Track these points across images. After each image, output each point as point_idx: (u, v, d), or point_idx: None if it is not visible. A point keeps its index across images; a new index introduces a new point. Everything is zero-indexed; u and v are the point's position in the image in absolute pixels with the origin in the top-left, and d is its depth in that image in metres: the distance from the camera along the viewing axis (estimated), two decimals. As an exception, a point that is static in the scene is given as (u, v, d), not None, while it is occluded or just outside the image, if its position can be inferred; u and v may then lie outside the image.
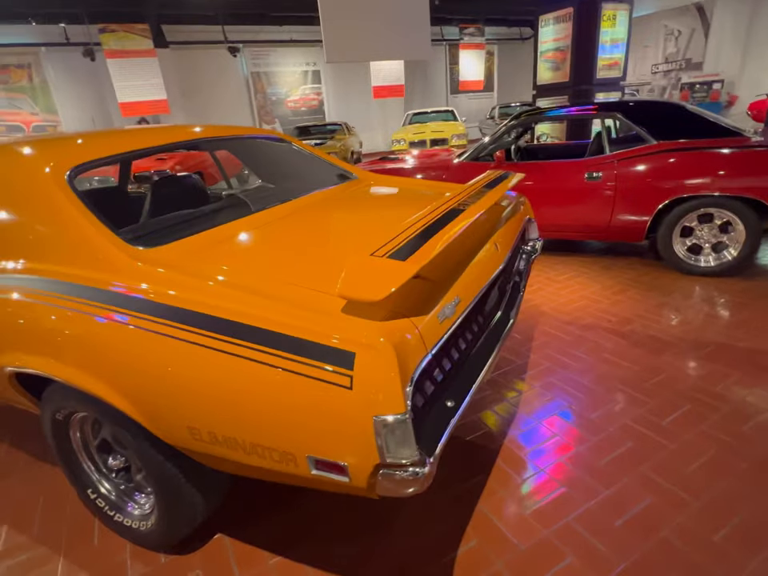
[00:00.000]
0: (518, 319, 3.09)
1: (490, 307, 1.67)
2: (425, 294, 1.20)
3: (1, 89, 11.10)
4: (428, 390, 1.20)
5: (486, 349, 1.49)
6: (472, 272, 1.41)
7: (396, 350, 0.99)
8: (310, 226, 1.71)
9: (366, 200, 2.13)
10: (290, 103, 14.62)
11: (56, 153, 1.58)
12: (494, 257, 1.59)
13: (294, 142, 2.56)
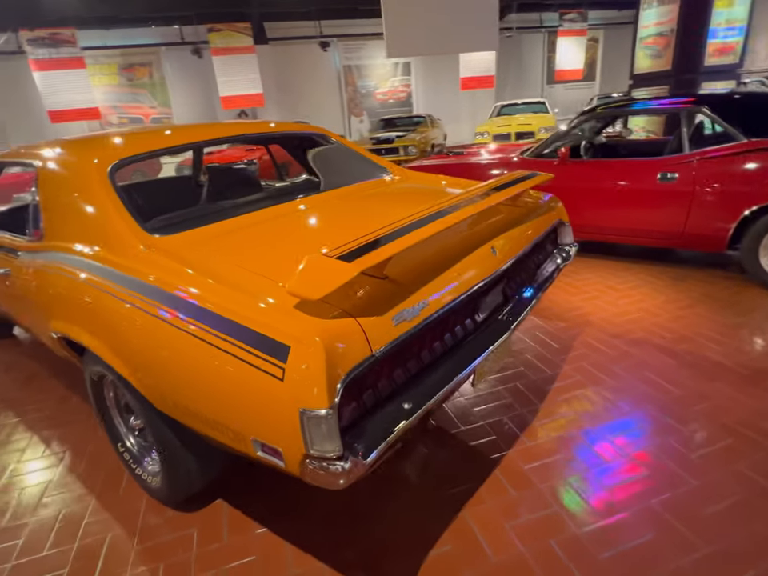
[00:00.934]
0: (558, 326, 2.93)
1: (486, 313, 1.62)
2: (385, 295, 1.22)
3: (126, 85, 12.59)
4: (383, 390, 1.21)
5: (470, 355, 1.45)
6: (450, 276, 1.39)
7: (330, 349, 1.02)
8: (312, 222, 1.79)
9: (383, 197, 2.15)
10: (378, 96, 14.84)
11: (104, 150, 1.81)
12: (488, 262, 1.54)
13: (333, 137, 2.64)
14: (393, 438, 1.14)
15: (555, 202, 2.16)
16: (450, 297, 1.35)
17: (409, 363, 1.30)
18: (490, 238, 1.61)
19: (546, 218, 2.02)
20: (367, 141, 10.01)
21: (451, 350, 1.44)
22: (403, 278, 1.30)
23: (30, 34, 9.95)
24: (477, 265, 1.50)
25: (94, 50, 11.49)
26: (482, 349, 1.48)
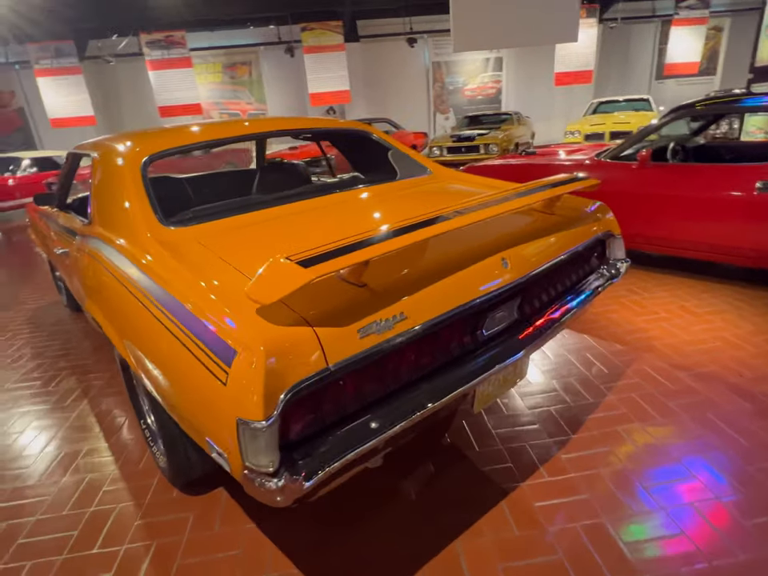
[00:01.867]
0: (613, 349, 2.63)
1: (494, 331, 1.46)
2: (357, 305, 1.13)
3: (228, 82, 13.52)
4: (347, 407, 1.13)
5: (463, 377, 1.32)
6: (443, 289, 1.26)
7: (276, 358, 0.97)
8: (325, 221, 1.74)
9: (410, 197, 2.05)
10: (467, 92, 14.49)
11: (140, 145, 1.91)
12: (497, 274, 1.39)
13: (376, 134, 2.57)
14: (346, 461, 1.06)
15: (603, 211, 1.91)
16: (437, 311, 1.23)
17: (384, 380, 1.20)
18: (505, 248, 1.45)
19: (587, 229, 1.79)
20: (447, 138, 9.80)
21: (441, 369, 1.32)
22: (385, 287, 1.20)
23: (148, 37, 11.04)
24: (480, 277, 1.35)
25: (202, 50, 12.48)
26: (479, 372, 1.34)
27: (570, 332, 2.90)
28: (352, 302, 1.13)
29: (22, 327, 3.78)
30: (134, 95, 12.81)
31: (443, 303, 1.25)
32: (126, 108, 13.20)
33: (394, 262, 1.28)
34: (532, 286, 1.57)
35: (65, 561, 1.64)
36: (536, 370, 2.53)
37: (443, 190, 2.18)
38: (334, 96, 11.77)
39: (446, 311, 1.25)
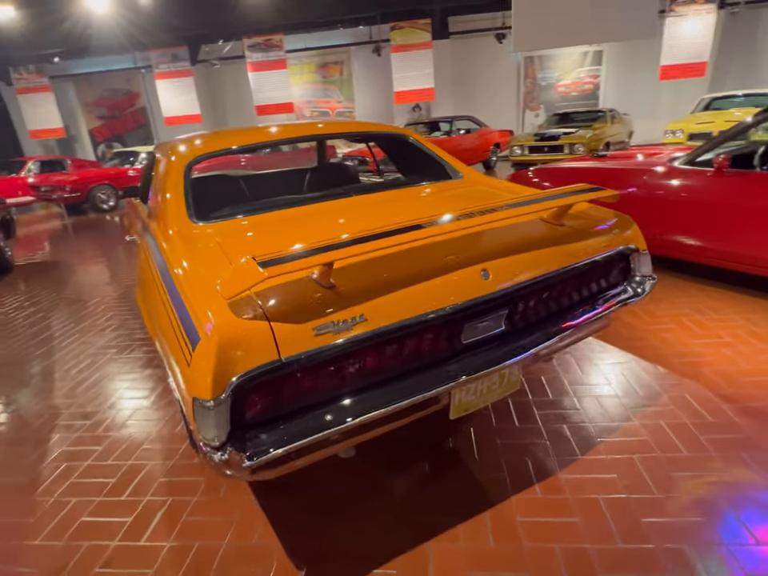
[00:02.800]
0: (655, 371, 2.44)
1: (474, 340, 1.46)
2: (319, 304, 1.21)
3: (320, 82, 14.15)
4: (308, 399, 1.22)
5: (430, 383, 1.35)
6: (407, 295, 1.30)
7: (229, 346, 1.09)
8: (337, 221, 1.84)
9: (429, 201, 2.08)
10: (560, 88, 13.77)
11: (188, 148, 2.15)
12: (474, 285, 1.39)
13: (413, 137, 2.61)
14: (295, 448, 1.15)
15: (625, 225, 1.79)
16: (400, 317, 1.28)
17: (344, 377, 1.27)
18: (488, 259, 1.44)
19: (601, 243, 1.70)
20: (530, 137, 9.43)
21: (409, 372, 1.36)
22: (352, 289, 1.27)
23: (250, 41, 11.93)
24: (454, 287, 1.37)
25: (297, 51, 13.20)
26: (448, 380, 1.37)
27: (608, 346, 2.74)
28: (316, 301, 1.22)
29: (115, 302, 4.36)
30: (235, 95, 13.92)
31: (408, 309, 1.29)
32: (229, 107, 14.39)
33: (367, 265, 1.35)
34: (524, 298, 1.54)
35: (100, 502, 1.93)
36: (559, 382, 2.43)
37: (465, 195, 2.18)
38: (419, 94, 11.83)
39: (410, 317, 1.29)
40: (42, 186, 9.92)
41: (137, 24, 10.69)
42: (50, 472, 2.13)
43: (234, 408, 1.13)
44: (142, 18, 10.49)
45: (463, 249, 1.45)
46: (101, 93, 14.77)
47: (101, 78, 14.41)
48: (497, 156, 11.47)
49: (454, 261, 1.41)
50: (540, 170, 4.72)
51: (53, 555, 1.69)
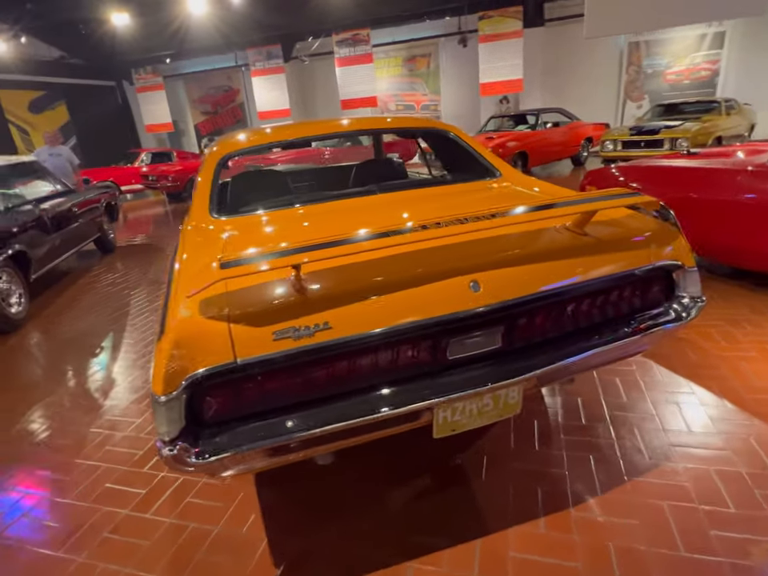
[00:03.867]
0: (717, 406, 2.11)
1: (464, 356, 1.34)
2: (284, 308, 1.18)
3: (407, 75, 14.09)
4: (267, 401, 1.20)
5: (405, 399, 1.27)
6: (381, 304, 1.22)
7: (184, 345, 1.10)
8: (354, 221, 1.79)
9: (450, 202, 1.96)
10: (669, 76, 12.39)
11: (222, 146, 2.23)
12: (461, 298, 1.26)
13: (454, 133, 2.47)
14: (249, 452, 1.14)
15: (667, 238, 1.53)
16: (370, 327, 1.20)
17: (311, 385, 1.23)
18: (480, 270, 1.31)
19: (633, 257, 1.47)
20: (625, 131, 8.60)
21: (384, 384, 1.29)
22: (322, 295, 1.22)
23: (338, 37, 12.19)
24: (437, 299, 1.26)
25: (384, 45, 13.24)
26: (426, 397, 1.27)
27: (666, 370, 2.41)
28: (282, 305, 1.19)
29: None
30: (323, 90, 14.33)
31: (379, 320, 1.21)
32: (318, 101, 14.87)
33: (343, 270, 1.29)
34: (525, 315, 1.39)
35: (125, 472, 2.09)
36: (596, 405, 2.19)
37: (494, 196, 2.02)
38: (506, 85, 11.32)
39: (381, 329, 1.21)
40: (150, 175, 11.02)
41: (236, 25, 11.42)
42: (93, 438, 2.35)
43: (192, 405, 1.14)
44: (241, 19, 11.17)
45: (453, 257, 1.33)
46: (206, 90, 16.02)
47: (206, 76, 15.62)
48: (588, 151, 10.66)
49: (440, 270, 1.30)
50: (623, 167, 4.28)
51: (75, 514, 1.87)
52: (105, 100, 15.59)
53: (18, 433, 2.46)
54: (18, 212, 4.27)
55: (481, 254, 1.36)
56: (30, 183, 5.01)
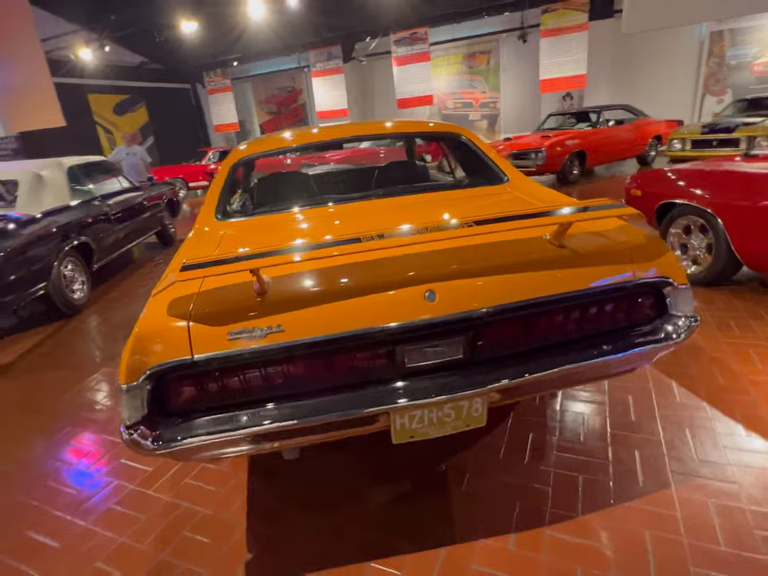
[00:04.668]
0: (714, 433, 1.95)
1: (423, 365, 1.35)
2: (242, 310, 1.25)
3: (466, 72, 13.88)
4: (226, 396, 1.28)
5: (362, 402, 1.30)
6: (334, 310, 1.25)
7: (147, 340, 1.20)
8: (347, 225, 1.84)
9: (445, 208, 1.95)
10: (757, 67, 11.27)
11: (238, 151, 2.35)
12: (415, 307, 1.27)
13: (466, 136, 2.43)
14: (204, 442, 1.23)
15: (654, 253, 1.43)
16: (321, 332, 1.24)
17: (268, 384, 1.30)
18: (438, 280, 1.30)
19: (611, 271, 1.39)
20: (697, 128, 7.95)
21: (341, 388, 1.33)
22: (280, 298, 1.28)
23: (396, 36, 12.24)
24: (392, 307, 1.27)
25: (444, 43, 13.13)
26: (379, 403, 1.30)
27: (687, 392, 2.25)
28: (240, 306, 1.26)
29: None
30: (381, 90, 14.47)
31: (332, 325, 1.25)
32: (376, 101, 15.04)
33: (303, 276, 1.34)
34: (490, 327, 1.36)
35: (139, 450, 2.29)
36: (599, 422, 2.09)
37: (492, 203, 1.99)
38: (568, 81, 10.83)
39: (332, 334, 1.25)
40: (215, 172, 11.71)
41: (297, 27, 11.81)
42: (119, 416, 2.58)
43: (157, 396, 1.25)
44: (302, 22, 11.53)
45: (412, 266, 1.34)
46: (271, 91, 16.71)
47: (272, 77, 16.29)
48: (656, 150, 9.96)
49: (396, 279, 1.31)
50: (682, 170, 3.98)
51: (90, 484, 2.07)
52: (180, 102, 16.73)
53: (63, 406, 2.75)
54: (85, 206, 4.73)
55: (440, 264, 1.35)
56: (100, 180, 5.52)
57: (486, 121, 14.12)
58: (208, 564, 1.61)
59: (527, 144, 8.53)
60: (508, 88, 13.37)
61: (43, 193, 4.33)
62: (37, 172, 4.35)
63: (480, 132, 14.24)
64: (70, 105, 13.22)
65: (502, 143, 9.21)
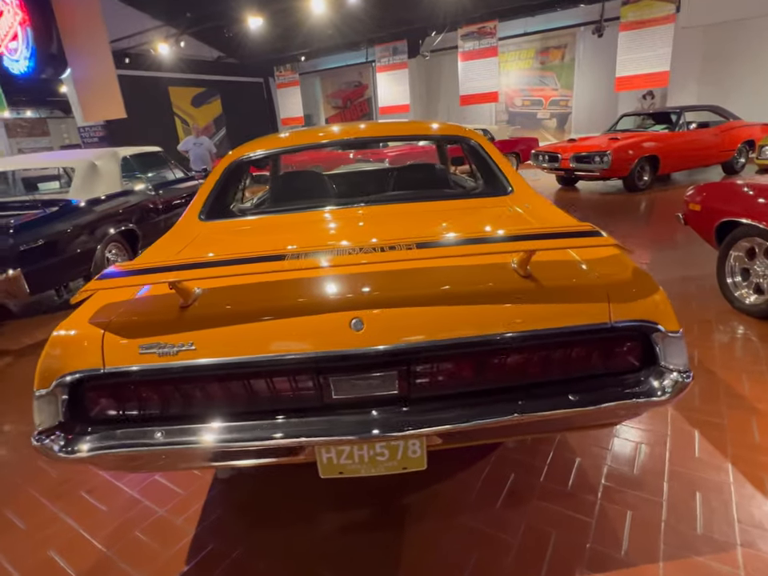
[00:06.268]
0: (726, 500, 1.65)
1: (351, 398, 1.22)
2: (161, 323, 1.18)
3: (537, 68, 13.22)
4: (135, 408, 1.24)
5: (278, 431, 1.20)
6: (251, 331, 1.15)
7: (62, 346, 1.18)
8: (308, 236, 1.76)
9: (434, 221, 1.78)
10: None
11: (238, 150, 2.32)
12: (339, 336, 1.14)
13: (474, 139, 2.23)
14: (111, 455, 1.19)
15: (641, 292, 1.19)
16: (235, 353, 1.15)
17: (184, 400, 1.23)
18: (372, 307, 1.16)
19: (578, 311, 1.18)
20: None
21: (261, 414, 1.23)
22: (200, 314, 1.21)
23: (463, 30, 11.86)
24: (313, 334, 1.16)
25: (516, 37, 12.55)
26: (299, 434, 1.19)
27: (708, 445, 1.93)
28: (154, 320, 1.20)
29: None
30: (446, 85, 14.14)
31: (246, 347, 1.16)
32: (442, 97, 14.74)
33: (229, 292, 1.26)
34: (429, 363, 1.21)
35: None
36: (593, 470, 1.84)
37: (483, 218, 1.80)
38: (647, 79, 9.93)
39: (244, 357, 1.15)
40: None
41: (365, 22, 11.80)
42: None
43: (73, 403, 1.22)
44: (370, 16, 11.51)
45: (337, 289, 1.22)
46: (339, 85, 16.90)
47: (340, 72, 16.46)
48: (747, 157, 8.91)
49: (322, 303, 1.19)
50: (750, 183, 3.48)
51: (71, 470, 2.14)
52: (253, 95, 17.38)
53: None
54: (134, 194, 5.00)
55: (374, 290, 1.21)
56: (153, 170, 5.82)
57: (556, 119, 13.38)
58: (146, 570, 1.60)
59: (592, 146, 7.92)
60: (582, 85, 12.57)
61: (97, 180, 4.62)
62: (92, 161, 4.65)
63: (548, 131, 13.54)
64: (151, 96, 14.22)
65: (565, 145, 8.64)
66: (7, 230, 3.46)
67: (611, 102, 11.87)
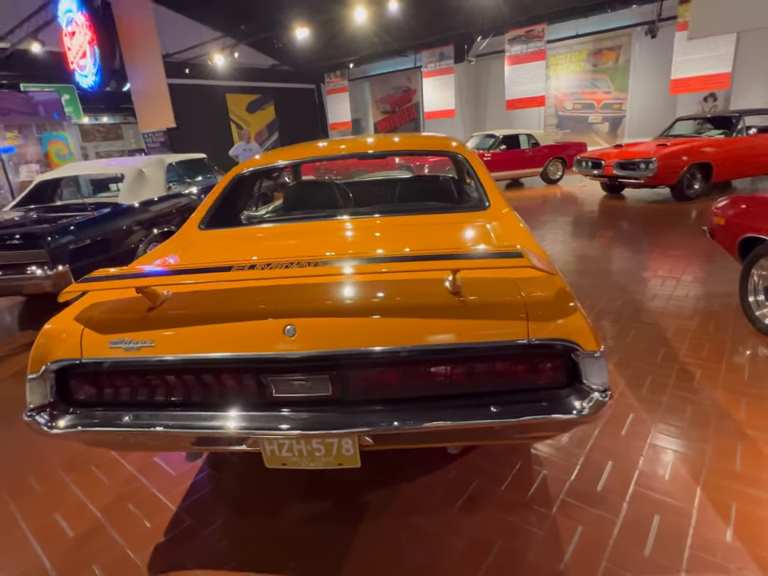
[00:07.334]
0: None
1: (289, 397, 1.34)
2: (132, 321, 1.37)
3: (590, 71, 12.79)
4: (111, 394, 1.43)
5: (226, 423, 1.35)
6: (201, 333, 1.31)
7: (52, 337, 1.39)
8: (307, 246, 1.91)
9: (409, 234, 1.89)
10: None
11: (244, 164, 2.51)
12: (273, 340, 1.27)
13: (462, 154, 2.28)
14: (89, 433, 1.39)
15: (560, 311, 1.23)
16: (186, 351, 1.32)
17: (147, 390, 1.41)
18: (305, 315, 1.29)
19: (496, 327, 1.24)
20: None
21: (213, 405, 1.39)
22: (163, 315, 1.38)
23: (510, 34, 11.69)
24: (252, 337, 1.30)
25: (567, 39, 12.22)
26: (244, 426, 1.34)
27: (681, 473, 1.89)
28: (124, 319, 1.39)
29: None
30: (493, 90, 13.97)
31: (195, 347, 1.31)
32: (489, 102, 14.59)
33: (190, 297, 1.42)
34: (357, 369, 1.31)
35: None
36: (555, 481, 1.86)
37: (441, 233, 1.89)
38: (705, 81, 9.37)
39: (194, 355, 1.31)
40: (320, 168, 12.44)
41: (412, 28, 11.93)
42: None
43: (61, 386, 1.44)
44: (417, 22, 11.63)
45: (274, 298, 1.36)
46: (387, 91, 17.14)
47: (389, 77, 16.70)
48: (814, 166, 8.20)
49: (262, 309, 1.33)
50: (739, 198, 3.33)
51: (83, 447, 2.41)
52: (305, 101, 17.99)
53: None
54: (176, 198, 5.40)
55: (302, 300, 1.35)
56: (198, 175, 6.25)
57: (608, 123, 12.89)
58: (130, 537, 1.81)
59: (637, 153, 7.60)
60: (637, 88, 12.03)
61: (143, 185, 5.05)
62: (140, 168, 5.08)
63: (599, 135, 13.06)
64: (210, 103, 15.09)
65: (610, 150, 8.33)
66: (60, 230, 3.89)
67: (668, 105, 11.28)
